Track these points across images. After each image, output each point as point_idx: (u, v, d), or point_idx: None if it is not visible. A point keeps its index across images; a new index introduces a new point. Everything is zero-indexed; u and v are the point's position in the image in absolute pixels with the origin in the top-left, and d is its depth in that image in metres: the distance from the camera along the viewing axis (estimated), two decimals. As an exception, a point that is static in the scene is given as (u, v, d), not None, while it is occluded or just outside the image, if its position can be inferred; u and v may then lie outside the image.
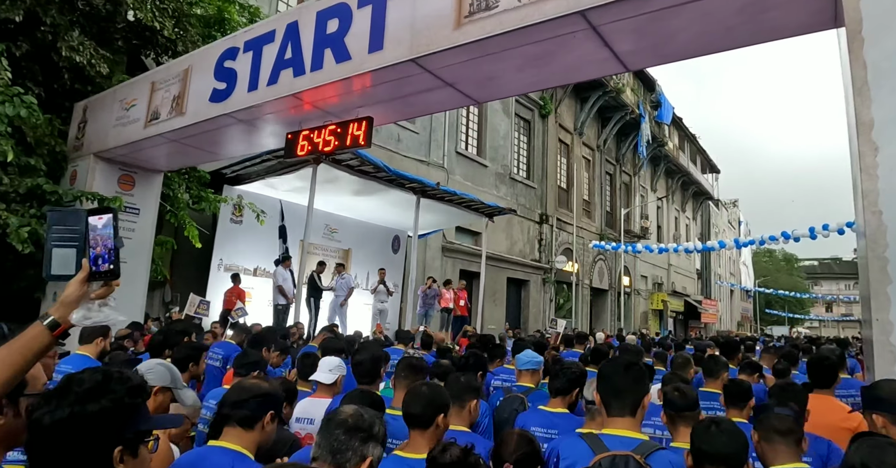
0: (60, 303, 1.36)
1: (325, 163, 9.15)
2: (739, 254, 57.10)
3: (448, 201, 11.75)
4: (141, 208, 6.77)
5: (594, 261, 25.88)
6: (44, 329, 1.32)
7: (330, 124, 4.43)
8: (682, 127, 36.07)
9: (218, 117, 4.80)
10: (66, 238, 1.48)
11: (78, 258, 1.45)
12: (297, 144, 4.61)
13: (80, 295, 1.38)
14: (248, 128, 5.04)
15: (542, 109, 22.31)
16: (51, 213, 1.55)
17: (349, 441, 1.75)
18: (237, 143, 5.59)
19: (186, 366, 3.50)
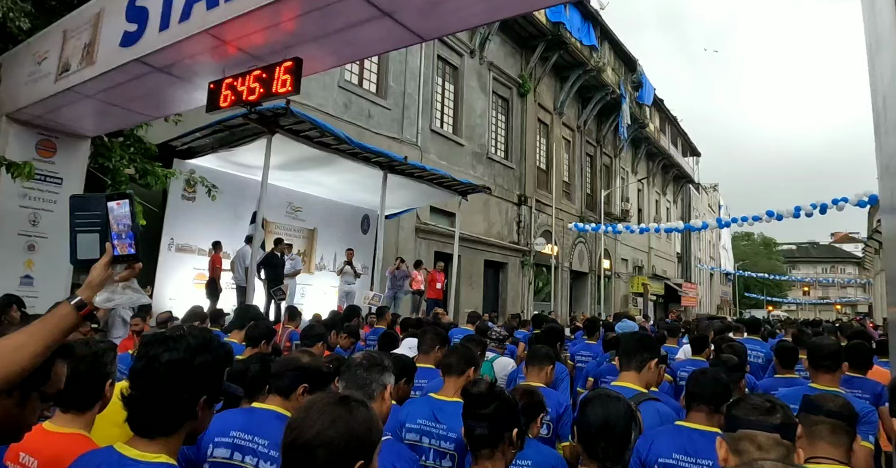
0: (87, 286, 1.41)
1: (280, 133, 8.48)
2: (719, 238, 57.35)
3: (418, 178, 11.10)
4: (64, 178, 6.06)
5: (574, 244, 25.42)
6: (72, 309, 1.36)
7: (255, 69, 3.77)
8: (664, 109, 35.63)
9: (129, 65, 4.12)
10: (89, 223, 1.50)
11: (101, 242, 1.48)
12: (220, 95, 3.95)
13: (104, 278, 1.43)
14: (169, 79, 4.36)
15: (521, 88, 21.64)
16: (72, 198, 1.57)
17: (370, 375, 2.17)
18: (163, 100, 4.90)
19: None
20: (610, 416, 1.96)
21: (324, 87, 13.73)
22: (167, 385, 1.38)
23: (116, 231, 1.48)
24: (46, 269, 5.85)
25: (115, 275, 1.46)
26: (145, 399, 1.39)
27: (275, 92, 3.61)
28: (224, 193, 9.99)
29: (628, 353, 2.86)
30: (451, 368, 2.91)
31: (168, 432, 1.40)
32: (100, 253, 1.47)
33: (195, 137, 9.15)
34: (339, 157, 9.59)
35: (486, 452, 1.96)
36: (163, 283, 9.44)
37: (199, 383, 1.42)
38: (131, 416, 1.40)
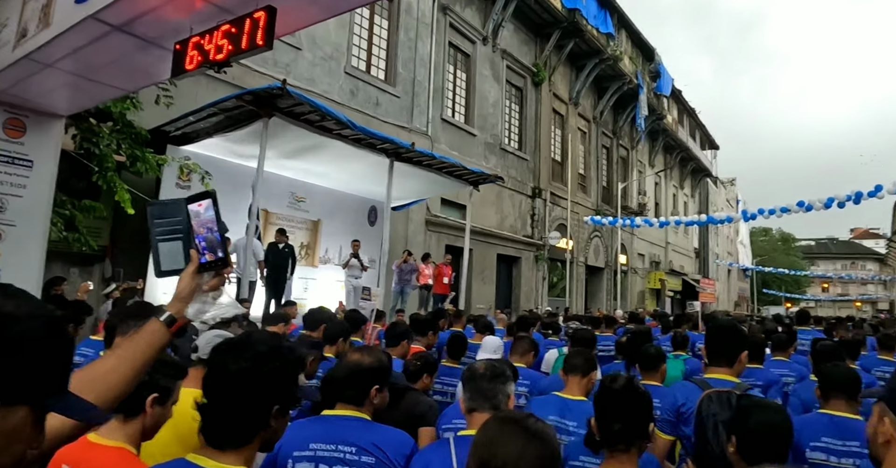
0: (175, 298, 1.32)
1: (277, 116, 7.93)
2: (737, 233, 56.36)
3: (427, 166, 10.52)
4: (35, 161, 5.53)
5: (590, 238, 24.74)
6: (161, 325, 1.29)
7: (223, 24, 3.20)
8: (682, 100, 34.75)
9: (85, 24, 3.57)
10: (170, 231, 1.40)
11: (185, 250, 1.37)
12: (186, 56, 3.39)
13: (192, 288, 1.34)
14: (132, 42, 3.81)
15: (536, 77, 20.97)
16: (150, 206, 1.47)
17: (495, 386, 2.21)
18: (133, 69, 4.35)
19: None
20: (776, 423, 2.02)
21: (329, 73, 13.19)
22: (237, 395, 1.34)
23: (202, 236, 1.37)
24: (15, 261, 5.35)
25: (203, 284, 1.36)
26: (217, 409, 1.35)
27: (245, 48, 3.05)
28: (222, 182, 9.44)
29: (719, 347, 2.82)
30: (576, 369, 3.15)
31: (241, 443, 1.36)
32: (185, 262, 1.36)
33: (188, 122, 8.63)
34: (342, 144, 9.02)
35: (621, 447, 1.97)
36: (155, 277, 8.91)
37: (271, 392, 1.37)
38: (205, 426, 1.37)
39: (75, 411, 0.90)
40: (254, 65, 11.54)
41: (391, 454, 2.07)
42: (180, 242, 1.39)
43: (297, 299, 10.85)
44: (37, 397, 0.82)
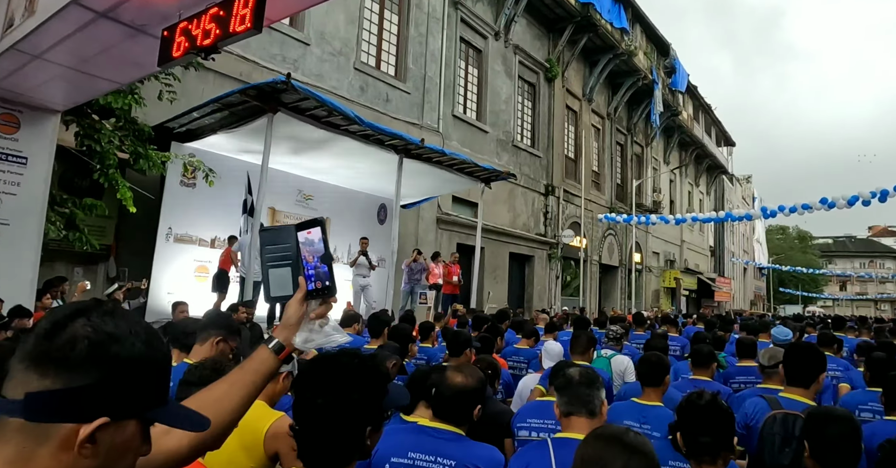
0: (283, 326, 1.33)
1: (282, 112, 7.71)
2: (753, 231, 55.69)
3: (437, 163, 10.26)
4: (29, 157, 5.35)
5: (604, 237, 24.37)
6: (270, 353, 1.28)
7: (212, 7, 2.97)
8: (698, 96, 34.21)
9: (69, 9, 3.36)
10: (280, 257, 1.39)
11: (294, 277, 1.36)
12: (174, 43, 3.16)
13: (300, 316, 1.32)
14: (119, 30, 3.60)
15: (548, 72, 20.63)
16: (262, 233, 1.47)
17: (592, 392, 2.36)
18: (123, 60, 4.14)
19: None
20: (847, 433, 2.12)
21: (338, 69, 12.97)
22: (329, 426, 1.38)
23: (310, 263, 1.36)
24: (9, 259, 5.17)
25: (311, 311, 1.35)
26: (311, 437, 1.39)
27: (232, 31, 2.82)
28: (228, 180, 9.30)
29: (798, 368, 2.95)
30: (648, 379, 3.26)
31: (339, 466, 1.41)
32: (293, 289, 1.35)
33: (192, 118, 8.43)
34: (350, 140, 8.79)
35: (707, 459, 2.08)
36: (160, 276, 8.75)
37: (362, 417, 1.41)
38: (301, 451, 1.42)
39: (179, 420, 0.93)
40: (261, 61, 11.36)
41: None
42: (289, 269, 1.38)
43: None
44: (143, 410, 0.86)
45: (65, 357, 0.80)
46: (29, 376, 0.79)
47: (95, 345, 0.81)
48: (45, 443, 0.78)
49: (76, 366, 0.80)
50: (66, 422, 0.79)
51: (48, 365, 0.79)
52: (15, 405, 0.78)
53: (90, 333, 0.82)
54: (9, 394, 0.80)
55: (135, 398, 0.84)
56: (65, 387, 0.79)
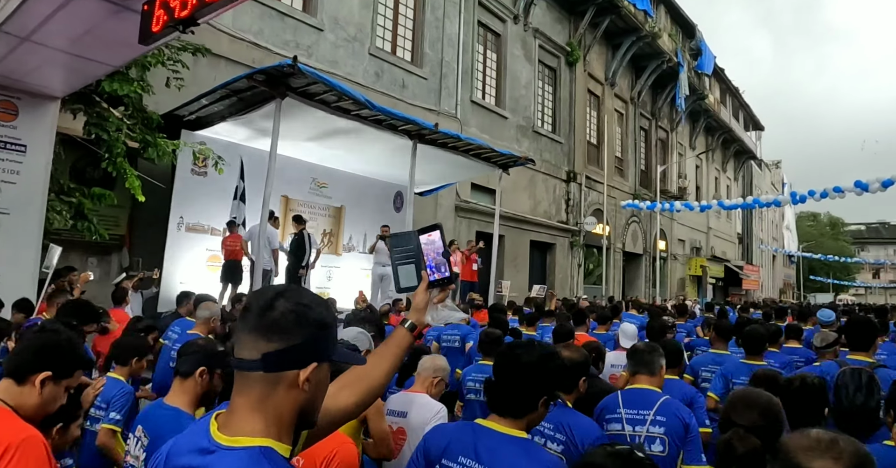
0: (414, 309, 1.65)
1: (291, 97, 7.51)
2: (782, 218, 54.52)
3: (452, 148, 10.00)
4: (28, 145, 5.24)
5: (627, 224, 23.91)
6: (406, 331, 1.62)
7: (190, -27, 2.75)
8: (725, 79, 33.36)
9: (46, -17, 3.18)
10: (405, 256, 1.69)
11: (417, 272, 1.66)
12: (153, 18, 2.96)
13: (426, 301, 1.65)
14: (100, 6, 3.42)
15: (569, 56, 20.17)
16: (392, 237, 1.81)
17: (653, 357, 3.08)
18: (112, 39, 3.95)
19: None
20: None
21: (353, 55, 12.74)
22: (522, 380, 1.90)
23: (431, 259, 1.66)
24: (11, 248, 5.07)
25: (433, 297, 1.66)
26: (504, 388, 1.92)
27: (208, 0, 2.59)
28: (238, 167, 9.17)
29: (858, 336, 3.75)
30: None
31: (517, 416, 1.89)
32: (417, 281, 1.65)
33: (202, 105, 8.29)
34: (362, 126, 8.57)
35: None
36: (172, 266, 8.67)
37: (545, 384, 1.92)
38: (490, 400, 1.96)
39: (350, 358, 1.33)
40: (274, 47, 11.18)
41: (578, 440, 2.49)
42: (413, 265, 1.67)
43: (321, 288, 10.55)
44: (331, 355, 1.19)
45: (282, 326, 1.11)
46: (258, 342, 1.11)
47: (299, 314, 1.13)
48: (278, 385, 1.12)
49: (290, 331, 1.12)
50: (290, 370, 1.12)
51: (272, 333, 1.11)
52: (255, 363, 1.11)
53: (294, 306, 1.13)
54: (243, 356, 1.12)
55: (326, 347, 1.17)
56: (286, 347, 1.11)
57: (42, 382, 1.82)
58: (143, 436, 2.30)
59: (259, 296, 1.17)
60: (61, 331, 2.00)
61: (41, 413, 1.87)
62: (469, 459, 1.86)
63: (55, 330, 2.00)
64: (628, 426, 2.90)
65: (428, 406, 3.04)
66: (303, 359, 1.13)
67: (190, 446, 1.12)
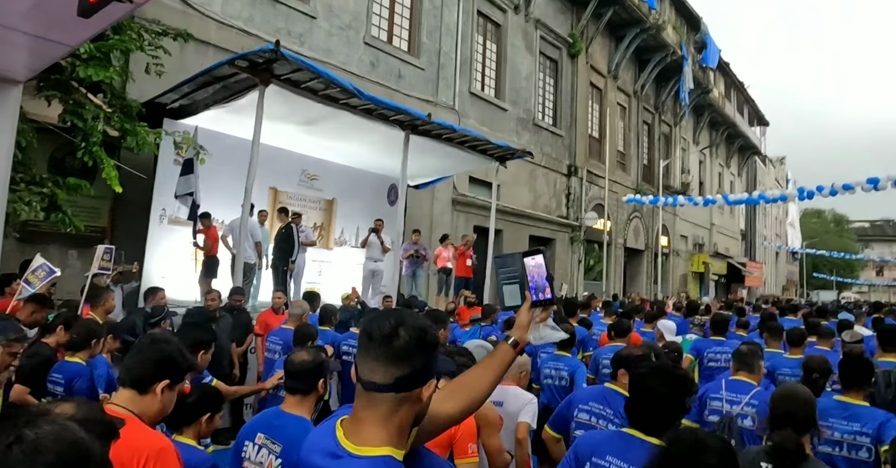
0: (516, 327, 1.74)
1: (275, 84, 7.19)
2: (786, 214, 54.09)
3: (447, 140, 9.67)
4: (-12, 131, 4.94)
5: (629, 219, 23.57)
6: (509, 347, 1.69)
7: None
8: (729, 73, 32.92)
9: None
10: (511, 277, 1.82)
11: (521, 292, 1.79)
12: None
13: (528, 320, 1.74)
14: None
15: (572, 48, 19.78)
16: (497, 258, 1.97)
17: (753, 358, 3.88)
18: (59, 13, 3.61)
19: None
20: None
21: (347, 44, 12.39)
22: (660, 407, 2.29)
23: (534, 281, 1.76)
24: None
25: (535, 317, 1.75)
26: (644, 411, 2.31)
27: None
28: (225, 158, 8.83)
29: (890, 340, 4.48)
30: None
31: (658, 433, 2.25)
32: (521, 300, 1.77)
33: (184, 93, 7.96)
34: (352, 115, 8.25)
35: None
36: (153, 260, 8.36)
37: (679, 406, 2.35)
38: (632, 418, 2.37)
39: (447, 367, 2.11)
40: (265, 35, 10.81)
41: None
42: (517, 286, 1.79)
43: (311, 284, 10.24)
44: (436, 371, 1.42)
45: (407, 353, 1.31)
46: (389, 368, 1.30)
47: (420, 340, 1.32)
48: (404, 403, 1.32)
49: (414, 357, 1.32)
50: (414, 389, 1.33)
51: (399, 360, 1.30)
52: (387, 386, 1.30)
53: (415, 333, 1.32)
54: (376, 380, 1.31)
55: (435, 365, 1.39)
56: (412, 371, 1.31)
57: (162, 390, 2.01)
58: (268, 443, 2.52)
59: (379, 325, 1.32)
60: (172, 341, 2.17)
61: (160, 418, 2.09)
62: (616, 458, 2.26)
63: (167, 340, 2.17)
64: (727, 405, 3.71)
65: (520, 396, 3.50)
66: (425, 378, 1.33)
67: (320, 448, 1.33)
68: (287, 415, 2.56)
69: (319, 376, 2.61)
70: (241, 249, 7.08)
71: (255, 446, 2.52)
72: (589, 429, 3.18)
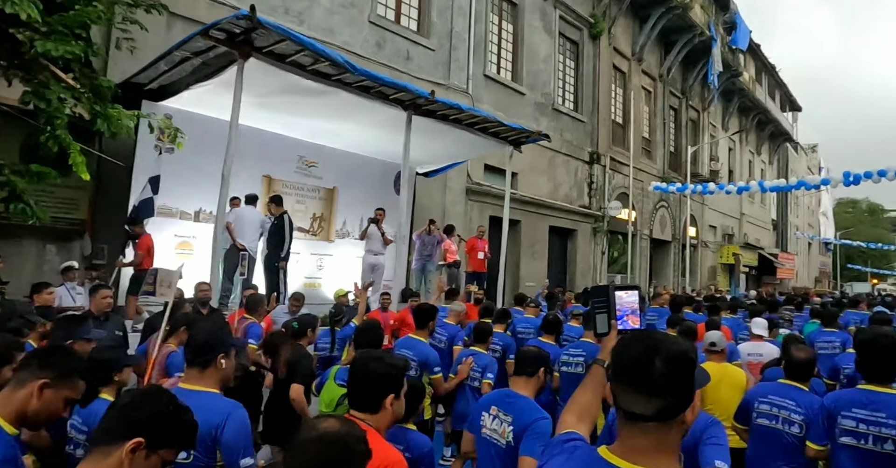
0: (604, 351, 1.96)
1: (256, 57, 6.43)
2: (819, 204, 52.36)
3: (454, 121, 8.84)
4: None
5: (655, 209, 22.52)
6: (602, 369, 1.90)
7: None
8: (760, 55, 31.50)
9: None
10: (601, 306, 2.04)
11: (608, 320, 2.01)
12: None
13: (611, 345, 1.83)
14: None
15: (593, 29, 18.77)
16: (593, 288, 2.46)
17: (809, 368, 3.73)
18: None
19: None
20: None
21: (351, 23, 11.61)
22: None
23: (623, 312, 2.03)
24: None
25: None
26: None
27: None
28: (213, 143, 8.11)
29: None
30: None
31: None
32: (608, 328, 2.00)
33: (162, 71, 7.25)
34: (346, 94, 7.46)
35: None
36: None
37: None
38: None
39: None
40: (261, 13, 10.03)
41: None
42: (606, 315, 2.03)
43: (311, 278, 9.55)
44: None
45: (668, 384, 1.32)
46: (651, 399, 1.31)
47: (678, 368, 1.34)
48: (672, 427, 1.35)
49: (675, 386, 1.33)
50: (678, 416, 1.34)
51: (660, 390, 1.31)
52: (651, 417, 1.31)
53: (671, 362, 1.32)
54: (639, 411, 1.33)
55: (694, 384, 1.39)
56: (675, 400, 1.33)
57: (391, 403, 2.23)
58: (500, 414, 3.03)
59: (632, 352, 1.36)
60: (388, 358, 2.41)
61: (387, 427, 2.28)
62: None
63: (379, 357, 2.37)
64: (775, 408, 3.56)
65: None
66: (687, 403, 1.35)
67: None
68: (516, 394, 3.10)
69: (539, 364, 3.21)
70: (217, 241, 6.32)
71: (491, 417, 3.08)
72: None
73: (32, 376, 1.95)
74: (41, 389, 1.92)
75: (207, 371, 2.44)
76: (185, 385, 2.45)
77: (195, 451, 2.28)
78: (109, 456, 1.53)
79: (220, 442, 2.32)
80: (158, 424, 1.60)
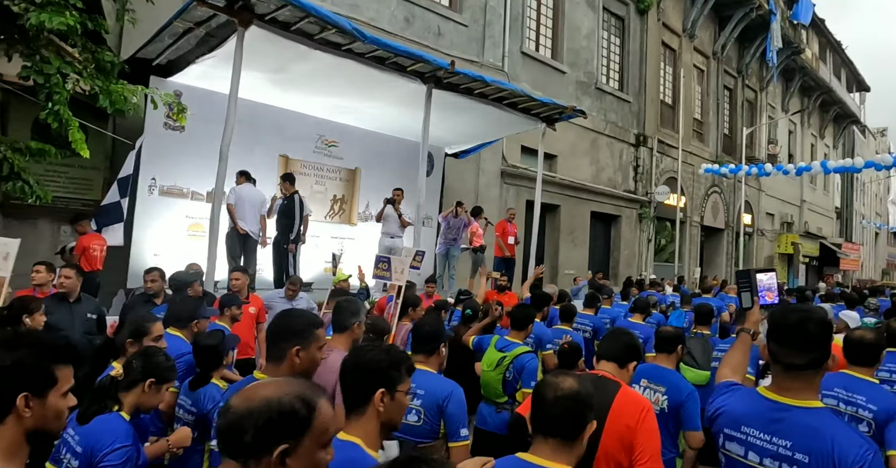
0: (750, 321, 2.46)
1: (258, 25, 6.02)
2: (888, 192, 49.51)
3: (479, 96, 8.28)
4: None
5: (707, 194, 21.41)
6: (748, 336, 2.42)
7: None
8: (825, 32, 29.59)
9: None
10: (744, 286, 2.49)
11: (751, 297, 2.46)
12: None
13: (758, 317, 2.47)
14: None
15: (640, 3, 17.81)
16: (739, 272, 2.62)
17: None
18: None
19: None
20: None
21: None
22: None
23: (762, 290, 2.46)
24: None
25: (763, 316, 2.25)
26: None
27: None
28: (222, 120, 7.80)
29: None
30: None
31: None
32: (751, 303, 2.46)
33: (167, 44, 6.92)
34: (360, 66, 7.00)
35: None
36: (142, 235, 7.46)
37: None
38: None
39: None
40: (283, -13, 9.72)
41: None
42: (749, 293, 2.46)
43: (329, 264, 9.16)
44: None
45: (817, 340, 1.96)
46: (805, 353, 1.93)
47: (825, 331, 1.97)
48: (817, 375, 1.95)
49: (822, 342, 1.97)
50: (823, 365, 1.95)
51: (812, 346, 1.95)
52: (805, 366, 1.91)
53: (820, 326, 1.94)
54: (795, 361, 1.93)
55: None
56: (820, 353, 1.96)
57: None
58: (651, 385, 3.51)
59: (790, 319, 1.94)
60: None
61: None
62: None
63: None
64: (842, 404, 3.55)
65: None
66: (828, 355, 1.91)
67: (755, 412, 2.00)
68: (661, 368, 3.61)
69: (678, 342, 3.73)
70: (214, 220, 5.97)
71: (641, 388, 3.43)
72: None
73: None
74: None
75: (432, 357, 3.06)
76: (420, 367, 2.87)
77: (425, 416, 2.86)
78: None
79: (444, 412, 2.83)
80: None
